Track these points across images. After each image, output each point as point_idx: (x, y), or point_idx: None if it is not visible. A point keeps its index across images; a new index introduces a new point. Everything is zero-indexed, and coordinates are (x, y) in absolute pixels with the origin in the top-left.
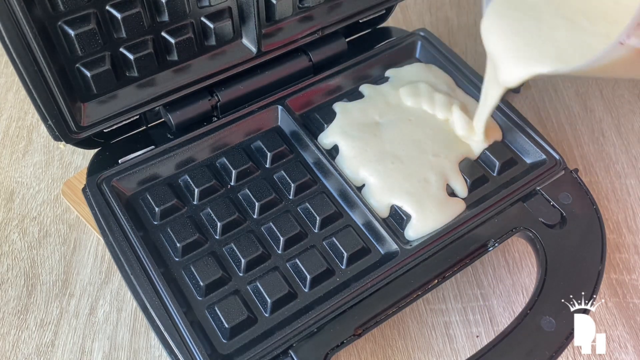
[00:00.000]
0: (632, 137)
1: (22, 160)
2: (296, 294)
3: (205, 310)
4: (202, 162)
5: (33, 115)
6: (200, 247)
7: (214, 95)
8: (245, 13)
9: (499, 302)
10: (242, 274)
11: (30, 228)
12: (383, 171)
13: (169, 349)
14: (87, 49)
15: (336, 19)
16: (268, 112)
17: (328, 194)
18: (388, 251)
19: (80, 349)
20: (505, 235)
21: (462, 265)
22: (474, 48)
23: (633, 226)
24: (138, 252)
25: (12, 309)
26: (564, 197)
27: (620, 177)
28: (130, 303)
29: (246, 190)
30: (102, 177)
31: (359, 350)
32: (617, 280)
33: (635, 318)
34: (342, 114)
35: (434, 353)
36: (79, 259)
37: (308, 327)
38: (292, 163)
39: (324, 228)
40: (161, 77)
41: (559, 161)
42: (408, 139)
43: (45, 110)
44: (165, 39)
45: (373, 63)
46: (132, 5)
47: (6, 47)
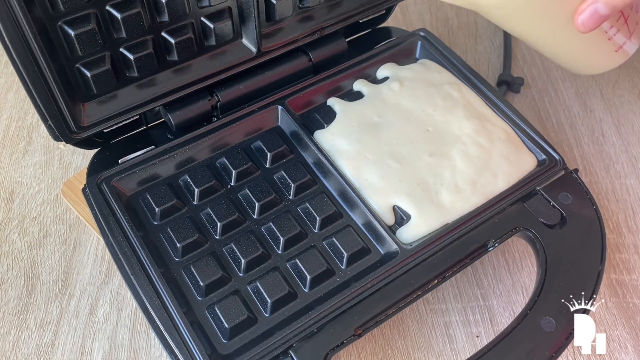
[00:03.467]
0: (632, 137)
1: (22, 160)
2: (296, 294)
3: (205, 310)
4: (202, 162)
5: (33, 115)
6: (200, 247)
7: (214, 95)
8: (245, 13)
9: (499, 302)
10: (242, 274)
11: (30, 228)
12: (383, 171)
13: (169, 349)
14: (87, 49)
15: (336, 19)
16: (268, 112)
17: (328, 194)
18: (388, 251)
19: (80, 349)
20: (505, 235)
21: (462, 265)
22: (474, 48)
23: (633, 226)
24: (138, 252)
25: (12, 309)
26: (564, 197)
27: (620, 177)
28: (130, 303)
29: (246, 191)
30: (102, 177)
31: (359, 350)
32: (617, 280)
33: (635, 318)
34: (341, 114)
35: (434, 353)
36: (79, 259)
37: (308, 327)
38: (292, 163)
39: (324, 228)
40: (161, 77)
41: (559, 161)
42: (407, 139)
43: (45, 110)
44: (165, 39)
45: (373, 63)
46: (132, 5)
47: (6, 47)
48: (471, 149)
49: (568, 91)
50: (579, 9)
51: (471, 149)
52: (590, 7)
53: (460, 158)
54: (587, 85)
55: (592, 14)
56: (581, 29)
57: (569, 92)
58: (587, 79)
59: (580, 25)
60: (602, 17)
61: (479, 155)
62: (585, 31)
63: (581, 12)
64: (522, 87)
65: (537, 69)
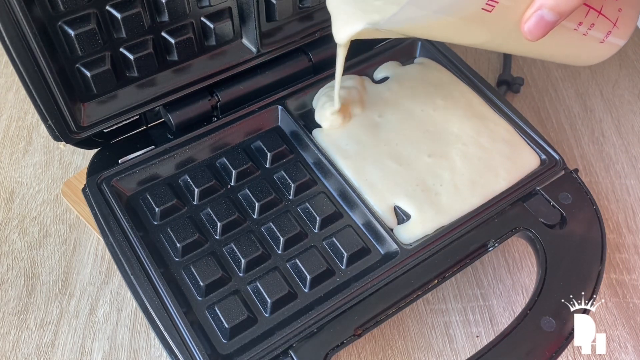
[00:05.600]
0: (632, 137)
1: (22, 160)
2: (296, 294)
3: (205, 311)
4: (202, 162)
5: (33, 115)
6: (200, 247)
7: (214, 95)
8: (245, 13)
9: (499, 302)
10: (242, 274)
11: (30, 228)
12: (383, 171)
13: (169, 349)
14: (87, 49)
15: None
16: (268, 112)
17: (328, 194)
18: (388, 251)
19: (80, 349)
20: (505, 235)
21: (462, 265)
22: (474, 48)
23: (633, 226)
24: (138, 252)
25: (12, 309)
26: (564, 197)
27: (620, 177)
28: (130, 303)
29: (246, 191)
30: (102, 177)
31: (359, 350)
32: (617, 280)
33: (635, 318)
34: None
35: (434, 353)
36: (79, 259)
37: (308, 327)
38: (292, 163)
39: (324, 228)
40: (161, 77)
41: (559, 161)
42: (407, 139)
43: (45, 110)
44: (165, 39)
45: (373, 63)
46: (132, 5)
47: (6, 47)
48: (471, 149)
49: (568, 91)
50: (524, 17)
51: (471, 149)
52: (535, 14)
53: (460, 158)
54: (587, 85)
55: (537, 22)
56: (529, 37)
57: (569, 92)
58: (587, 79)
59: (528, 33)
60: (550, 23)
61: (479, 155)
62: (534, 39)
63: (527, 20)
64: (522, 87)
65: (537, 69)
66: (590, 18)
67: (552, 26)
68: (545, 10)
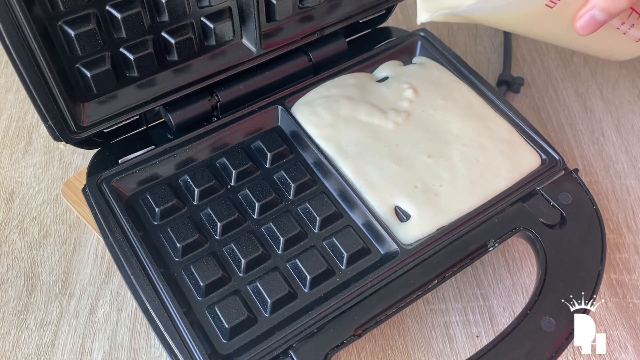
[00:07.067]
0: (632, 137)
1: (22, 160)
2: (296, 294)
3: (205, 311)
4: (202, 162)
5: (33, 115)
6: (200, 247)
7: (214, 95)
8: (245, 13)
9: (499, 302)
10: (242, 274)
11: (30, 228)
12: (382, 171)
13: (169, 349)
14: (87, 49)
15: (336, 19)
16: (268, 112)
17: (328, 194)
18: (388, 251)
19: (80, 349)
20: (505, 235)
21: (462, 265)
22: (474, 48)
23: (633, 226)
24: (138, 252)
25: (12, 309)
26: (564, 197)
27: (620, 177)
28: (130, 303)
29: (246, 191)
30: (102, 177)
31: (359, 350)
32: (617, 280)
33: (635, 318)
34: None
35: (434, 353)
36: (79, 259)
37: (308, 327)
38: (292, 163)
39: (324, 228)
40: (161, 77)
41: (559, 161)
42: (407, 139)
43: (45, 110)
44: (165, 39)
45: (373, 63)
46: (132, 5)
47: (6, 47)
48: (471, 149)
49: (568, 91)
50: (577, 15)
51: (471, 149)
52: (587, 13)
53: (460, 158)
54: (587, 85)
55: (589, 20)
56: (580, 33)
57: (569, 92)
58: (587, 79)
59: (579, 29)
60: (600, 22)
61: (479, 155)
62: (584, 34)
63: (579, 18)
64: (522, 87)
65: (537, 69)
66: (632, 19)
67: (601, 24)
68: (596, 10)
